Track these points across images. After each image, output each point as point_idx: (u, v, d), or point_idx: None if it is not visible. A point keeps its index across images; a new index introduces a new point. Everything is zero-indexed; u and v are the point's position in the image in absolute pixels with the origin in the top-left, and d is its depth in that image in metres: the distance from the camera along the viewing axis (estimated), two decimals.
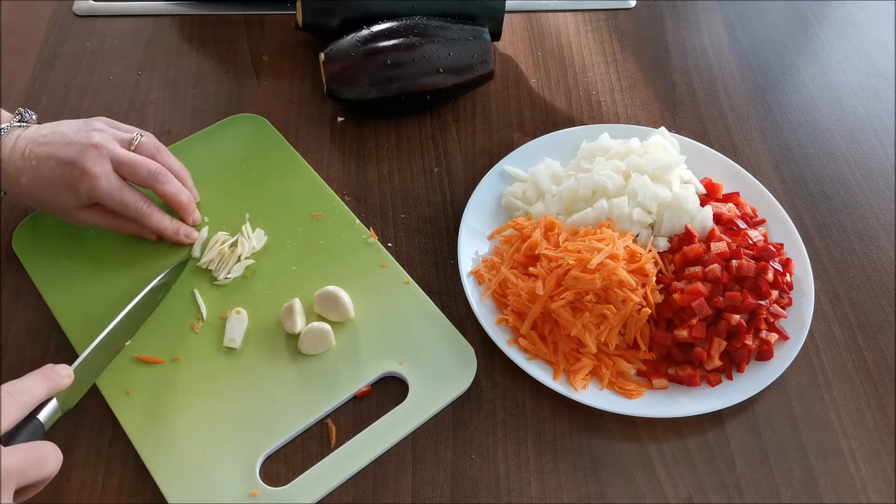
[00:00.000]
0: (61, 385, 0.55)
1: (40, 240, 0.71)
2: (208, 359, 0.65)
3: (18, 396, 0.51)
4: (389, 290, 0.70)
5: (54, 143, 0.65)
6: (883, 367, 0.69)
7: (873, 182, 0.83)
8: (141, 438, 0.60)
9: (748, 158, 0.84)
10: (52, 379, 0.54)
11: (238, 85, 0.87)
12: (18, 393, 0.51)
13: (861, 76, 0.93)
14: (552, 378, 0.64)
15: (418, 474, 0.61)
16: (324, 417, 0.63)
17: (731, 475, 0.62)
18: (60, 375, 0.55)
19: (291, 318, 0.65)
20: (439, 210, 0.77)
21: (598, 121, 0.86)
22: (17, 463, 0.47)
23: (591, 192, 0.72)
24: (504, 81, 0.90)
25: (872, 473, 0.63)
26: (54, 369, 0.55)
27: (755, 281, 0.66)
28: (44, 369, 0.54)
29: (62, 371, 0.55)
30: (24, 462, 0.48)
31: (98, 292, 0.68)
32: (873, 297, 0.73)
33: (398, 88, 0.80)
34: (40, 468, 0.49)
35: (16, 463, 0.47)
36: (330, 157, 0.81)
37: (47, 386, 0.53)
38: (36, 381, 0.53)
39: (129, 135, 0.69)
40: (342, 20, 0.84)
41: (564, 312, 0.65)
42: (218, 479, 0.59)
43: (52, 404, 0.54)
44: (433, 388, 0.64)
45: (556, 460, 0.62)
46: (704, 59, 0.94)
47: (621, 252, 0.66)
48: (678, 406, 0.64)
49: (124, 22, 0.93)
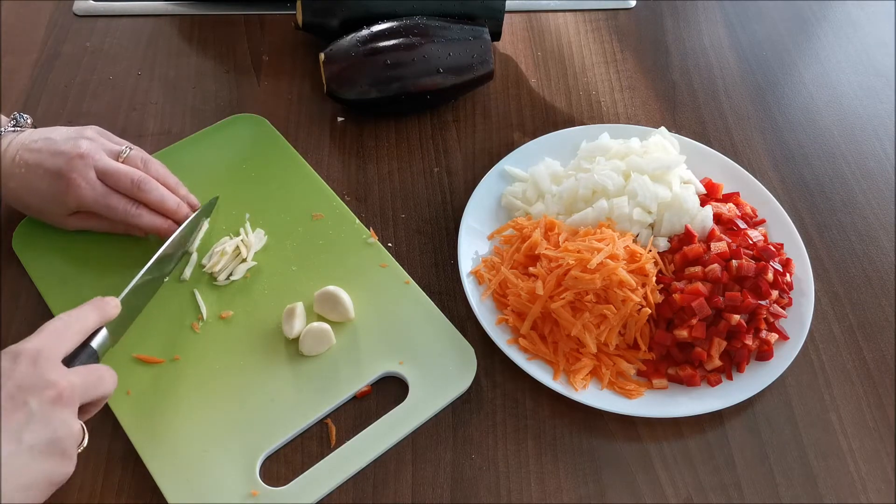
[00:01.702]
0: (110, 315, 0.58)
1: (40, 240, 0.71)
2: (208, 359, 0.65)
3: (75, 323, 0.55)
4: (389, 290, 0.70)
5: (43, 150, 0.66)
6: (883, 367, 0.69)
7: (873, 182, 0.83)
8: (141, 438, 0.60)
9: (748, 158, 0.84)
10: (103, 309, 0.58)
11: (238, 85, 0.87)
12: (75, 321, 0.55)
13: (861, 76, 0.93)
14: (552, 378, 0.64)
15: (418, 474, 0.61)
16: (324, 417, 0.63)
17: (731, 475, 0.62)
18: (109, 306, 0.59)
19: (290, 323, 0.65)
20: (439, 210, 0.77)
21: (598, 121, 0.86)
22: (80, 382, 0.52)
23: (591, 192, 0.72)
24: (504, 81, 0.90)
25: (872, 473, 0.63)
26: (104, 300, 0.58)
27: (755, 281, 0.66)
28: (94, 301, 0.58)
29: (111, 302, 0.59)
30: (86, 382, 0.52)
31: (98, 292, 0.68)
32: (873, 297, 0.73)
33: (398, 88, 0.80)
34: (99, 387, 0.53)
35: (79, 382, 0.52)
36: (330, 157, 0.81)
37: (98, 315, 0.57)
38: (88, 310, 0.57)
39: (119, 147, 0.70)
40: (342, 20, 0.84)
41: (564, 312, 0.65)
42: (218, 479, 0.59)
43: (103, 333, 0.58)
44: (433, 388, 0.64)
45: (556, 460, 0.62)
46: (704, 59, 0.94)
47: (621, 252, 0.66)
48: (678, 406, 0.64)
49: (124, 22, 0.93)
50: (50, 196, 0.67)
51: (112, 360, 0.64)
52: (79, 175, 0.66)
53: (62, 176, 0.65)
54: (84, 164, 0.66)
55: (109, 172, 0.67)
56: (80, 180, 0.66)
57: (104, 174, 0.67)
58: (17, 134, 0.69)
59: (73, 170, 0.65)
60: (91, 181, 0.66)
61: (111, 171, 0.67)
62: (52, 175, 0.66)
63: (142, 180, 0.68)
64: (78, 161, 0.66)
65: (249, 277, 0.70)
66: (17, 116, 0.71)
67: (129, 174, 0.68)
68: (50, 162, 0.66)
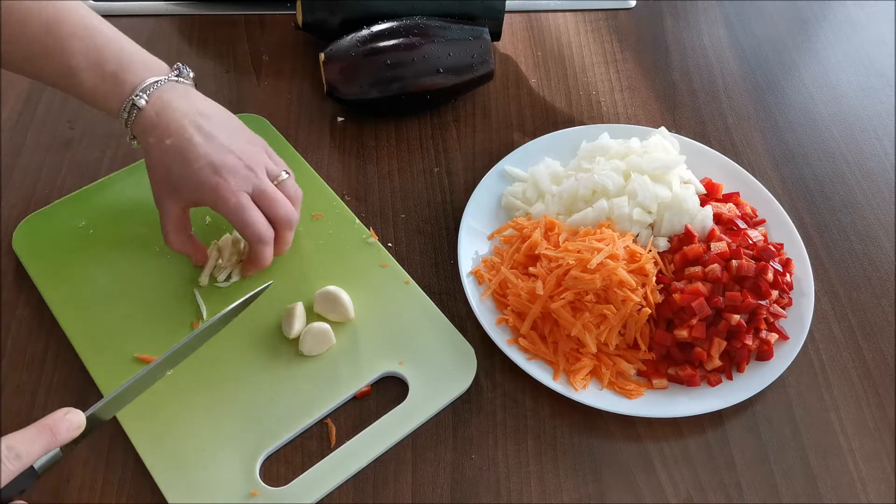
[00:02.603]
0: (63, 441, 0.49)
1: (40, 240, 0.71)
2: (208, 359, 0.65)
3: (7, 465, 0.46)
4: (389, 290, 0.70)
5: (214, 136, 0.62)
6: (883, 367, 0.69)
7: (873, 182, 0.83)
8: (141, 438, 0.60)
9: (748, 158, 0.84)
10: (54, 435, 0.49)
11: (238, 85, 0.87)
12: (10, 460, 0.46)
13: (861, 76, 0.93)
14: (552, 378, 0.64)
15: (418, 474, 0.61)
16: (324, 417, 0.63)
17: (731, 475, 0.62)
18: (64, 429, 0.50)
19: (290, 323, 0.65)
20: (439, 210, 0.77)
21: (598, 121, 0.86)
22: None
23: (591, 192, 0.72)
24: (504, 81, 0.90)
25: (872, 473, 0.63)
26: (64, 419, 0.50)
27: (755, 281, 0.66)
28: (48, 420, 0.49)
29: (71, 422, 0.50)
30: None
31: (98, 292, 0.68)
32: (873, 297, 0.73)
33: (398, 88, 0.80)
34: None
35: None
36: (330, 157, 0.81)
37: (46, 443, 0.49)
38: (33, 439, 0.48)
39: (278, 169, 0.66)
40: (342, 20, 0.84)
41: (564, 312, 0.65)
42: (218, 479, 0.59)
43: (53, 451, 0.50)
44: (433, 388, 0.64)
45: (556, 460, 0.62)
46: (704, 59, 0.94)
47: (621, 252, 0.66)
48: (678, 406, 0.64)
49: (124, 22, 0.93)
50: (190, 177, 0.61)
51: (112, 359, 0.64)
52: (235, 182, 0.61)
53: (219, 171, 0.61)
54: (245, 177, 0.62)
55: (269, 195, 0.63)
56: (232, 184, 0.61)
57: (261, 194, 0.63)
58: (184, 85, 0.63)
59: (230, 176, 0.61)
60: (239, 192, 0.62)
61: (270, 195, 0.63)
62: (209, 164, 0.61)
63: (292, 219, 0.65)
64: (243, 169, 0.62)
65: (249, 277, 0.70)
66: (181, 67, 0.65)
67: (286, 207, 0.64)
68: (216, 153, 0.61)
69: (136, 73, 0.62)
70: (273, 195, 0.64)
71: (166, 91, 0.62)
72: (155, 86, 0.62)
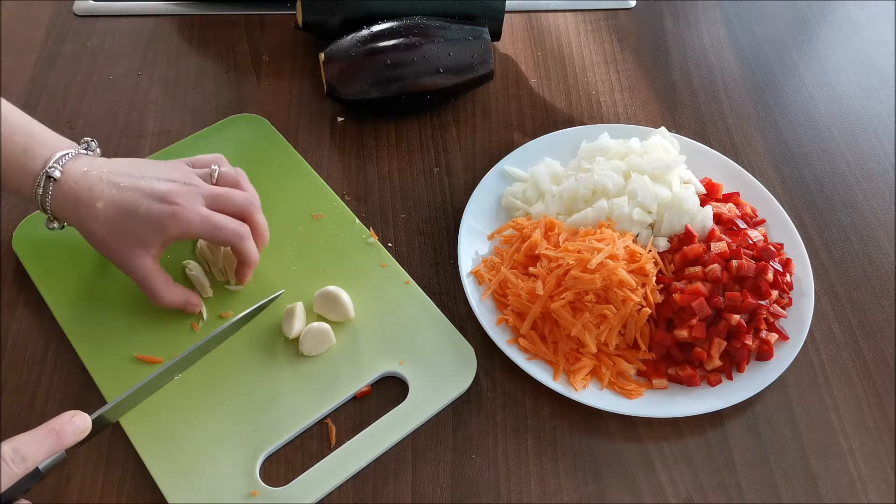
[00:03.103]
0: (68, 444, 0.51)
1: (40, 240, 0.71)
2: (208, 359, 0.65)
3: (12, 468, 0.47)
4: (389, 290, 0.70)
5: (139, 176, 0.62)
6: (883, 367, 0.69)
7: (873, 182, 0.83)
8: (141, 438, 0.60)
9: (748, 158, 0.84)
10: (60, 437, 0.51)
11: (238, 85, 0.87)
12: (15, 462, 0.48)
13: (861, 76, 0.93)
14: (552, 378, 0.64)
15: (418, 474, 0.61)
16: (324, 417, 0.63)
17: (731, 475, 0.62)
18: (69, 431, 0.51)
19: (290, 323, 0.65)
20: (439, 210, 0.77)
21: (598, 121, 0.86)
22: None
23: (591, 192, 0.72)
24: (504, 81, 0.90)
25: (872, 473, 0.63)
26: (70, 422, 0.51)
27: (755, 281, 0.66)
28: (55, 423, 0.51)
29: (77, 425, 0.52)
30: None
31: (98, 292, 0.68)
32: (873, 297, 0.73)
33: (398, 88, 0.80)
34: None
35: None
36: (330, 157, 0.81)
37: (52, 445, 0.50)
38: (39, 442, 0.49)
39: (207, 168, 0.67)
40: (342, 20, 0.84)
41: (564, 312, 0.65)
42: (218, 479, 0.59)
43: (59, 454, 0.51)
44: (433, 388, 0.64)
45: (556, 460, 0.62)
46: (704, 59, 0.94)
47: (621, 252, 0.66)
48: (678, 406, 0.64)
49: (124, 22, 0.93)
50: (146, 219, 0.60)
51: (112, 359, 0.64)
52: (185, 200, 0.61)
53: (167, 198, 0.61)
54: (190, 191, 0.62)
55: (219, 195, 0.64)
56: (186, 205, 0.61)
57: (213, 199, 0.63)
58: (91, 158, 0.63)
59: (178, 196, 0.61)
60: (197, 207, 0.62)
61: (220, 194, 0.64)
62: (153, 196, 0.61)
63: (253, 202, 0.66)
64: (183, 188, 0.62)
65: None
66: (89, 141, 0.65)
67: (237, 194, 0.65)
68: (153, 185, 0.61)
69: (48, 148, 0.62)
70: (223, 193, 0.65)
71: (78, 161, 0.62)
72: (65, 157, 0.61)
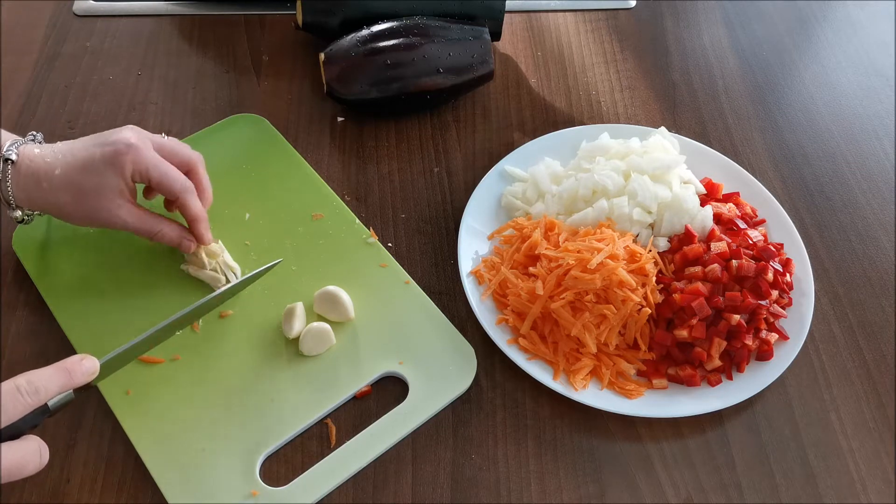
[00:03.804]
0: (78, 383, 0.53)
1: (40, 240, 0.71)
2: (208, 359, 0.65)
3: (25, 399, 0.50)
4: (389, 290, 0.70)
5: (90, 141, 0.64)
6: (883, 367, 0.69)
7: (873, 182, 0.83)
8: (141, 438, 0.60)
9: (748, 158, 0.84)
10: (71, 376, 0.53)
11: (238, 85, 0.87)
12: (29, 394, 0.50)
13: (861, 76, 0.93)
14: (552, 378, 0.64)
15: (418, 474, 0.61)
16: (324, 417, 0.63)
17: (731, 475, 0.62)
18: (80, 372, 0.53)
19: (290, 323, 0.65)
20: (439, 210, 0.77)
21: (598, 121, 0.86)
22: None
23: (591, 192, 0.72)
24: (504, 81, 0.90)
25: (872, 473, 0.63)
26: (79, 363, 0.54)
27: (755, 281, 0.66)
28: (66, 363, 0.53)
29: (86, 367, 0.54)
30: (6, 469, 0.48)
31: (98, 292, 0.68)
32: (873, 297, 0.73)
33: (398, 88, 0.80)
34: (18, 472, 0.49)
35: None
36: (330, 157, 0.81)
37: (63, 382, 0.52)
38: (52, 375, 0.52)
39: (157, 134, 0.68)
40: (342, 20, 0.84)
41: (564, 312, 0.65)
42: (218, 479, 0.59)
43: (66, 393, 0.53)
44: (433, 388, 0.64)
45: (556, 460, 0.62)
46: (704, 59, 0.94)
47: (621, 252, 0.66)
48: (678, 406, 0.64)
49: (124, 22, 0.93)
50: (103, 164, 0.62)
51: None
52: (136, 139, 0.63)
53: (118, 141, 0.63)
54: (139, 136, 0.64)
55: (166, 145, 0.66)
56: (138, 142, 0.63)
57: (160, 147, 0.66)
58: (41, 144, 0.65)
59: (129, 136, 0.63)
60: (149, 147, 0.64)
61: (167, 143, 0.67)
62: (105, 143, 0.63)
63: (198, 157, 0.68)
64: (131, 132, 0.64)
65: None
66: (35, 134, 0.67)
67: (184, 147, 0.68)
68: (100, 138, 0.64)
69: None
70: (169, 143, 0.67)
71: (29, 146, 0.64)
72: (17, 143, 0.64)
